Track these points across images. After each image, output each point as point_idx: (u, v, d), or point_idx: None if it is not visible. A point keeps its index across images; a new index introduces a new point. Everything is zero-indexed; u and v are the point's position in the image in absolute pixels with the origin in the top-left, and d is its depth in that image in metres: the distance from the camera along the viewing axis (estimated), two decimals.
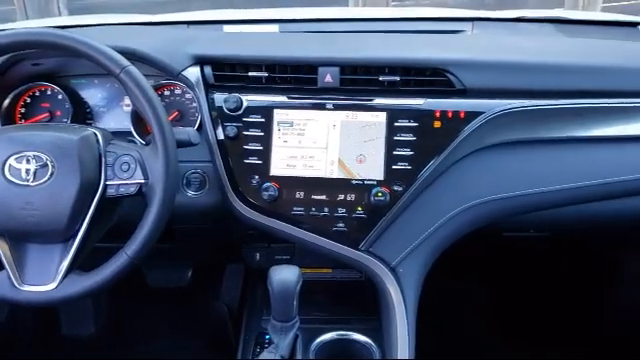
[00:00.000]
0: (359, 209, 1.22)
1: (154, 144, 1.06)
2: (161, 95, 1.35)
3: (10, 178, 1.03)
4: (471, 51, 1.31)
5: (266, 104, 1.24)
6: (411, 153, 1.20)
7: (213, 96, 1.25)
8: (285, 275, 1.09)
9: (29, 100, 1.37)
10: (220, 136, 1.24)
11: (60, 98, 1.35)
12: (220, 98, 1.24)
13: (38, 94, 1.36)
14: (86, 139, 1.07)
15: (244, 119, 1.23)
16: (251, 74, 1.25)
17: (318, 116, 1.23)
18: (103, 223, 1.13)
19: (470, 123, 1.19)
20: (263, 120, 1.23)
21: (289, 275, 1.09)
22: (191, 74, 1.26)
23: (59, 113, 1.36)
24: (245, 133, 1.23)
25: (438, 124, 1.20)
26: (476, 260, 1.99)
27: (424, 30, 1.57)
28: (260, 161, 1.23)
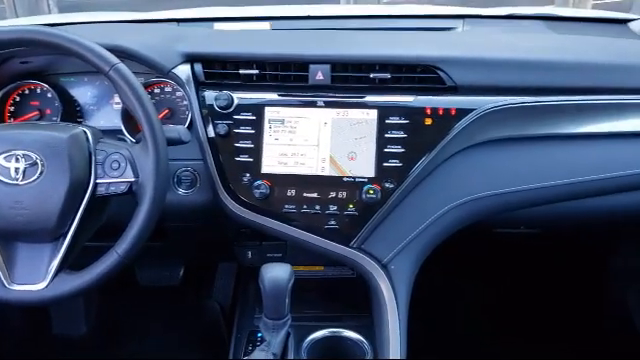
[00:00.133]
0: (350, 206, 1.22)
1: (144, 142, 1.06)
2: (151, 93, 1.34)
3: None
4: (462, 48, 1.31)
5: (257, 102, 1.23)
6: (402, 150, 1.20)
7: (204, 94, 1.24)
8: (277, 273, 1.09)
9: (18, 98, 1.36)
10: (211, 134, 1.23)
11: (50, 96, 1.34)
12: (211, 96, 1.24)
13: (27, 92, 1.36)
14: (76, 137, 1.06)
15: (235, 117, 1.23)
16: (242, 72, 1.24)
17: (309, 113, 1.22)
18: (93, 222, 1.12)
19: (461, 120, 1.20)
20: (254, 118, 1.23)
21: (281, 273, 1.09)
22: (181, 72, 1.25)
23: (49, 111, 1.35)
24: (236, 131, 1.23)
25: (429, 121, 1.20)
26: (468, 256, 1.99)
27: (415, 27, 1.58)
28: (251, 159, 1.23)
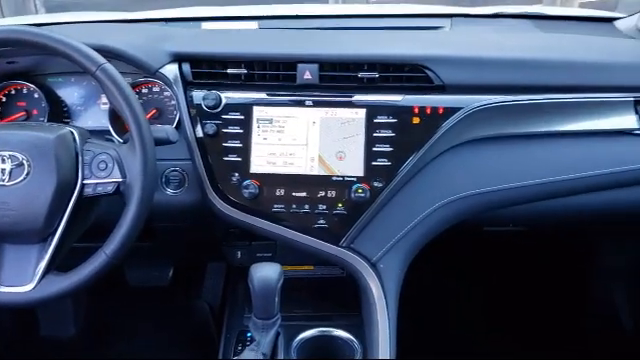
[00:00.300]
0: (339, 205, 1.22)
1: (132, 142, 1.05)
2: (139, 93, 1.34)
3: None
4: (449, 47, 1.31)
5: (245, 101, 1.23)
6: (390, 149, 1.20)
7: (192, 93, 1.24)
8: (266, 272, 1.09)
9: (5, 99, 1.35)
10: (199, 134, 1.23)
11: (36, 97, 1.33)
12: (199, 95, 1.23)
13: (14, 93, 1.35)
14: (62, 138, 1.05)
15: (223, 116, 1.23)
16: (230, 71, 1.24)
17: (298, 113, 1.22)
18: (81, 223, 1.11)
19: (449, 119, 1.20)
20: (242, 117, 1.22)
21: (270, 272, 1.09)
22: (169, 71, 1.25)
23: (36, 112, 1.35)
24: (224, 130, 1.22)
25: (417, 120, 1.20)
26: (457, 255, 2.00)
27: (403, 27, 1.58)
28: (240, 158, 1.22)
